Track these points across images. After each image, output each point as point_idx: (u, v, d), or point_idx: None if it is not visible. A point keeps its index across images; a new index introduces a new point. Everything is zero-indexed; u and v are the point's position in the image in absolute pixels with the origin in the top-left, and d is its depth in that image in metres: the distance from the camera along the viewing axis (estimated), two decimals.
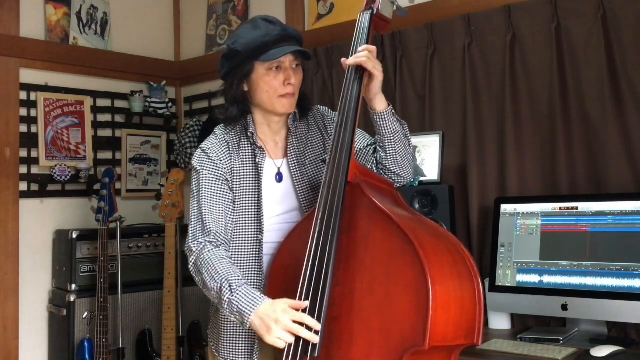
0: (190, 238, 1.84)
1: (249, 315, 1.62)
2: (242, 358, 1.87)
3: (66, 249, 3.41)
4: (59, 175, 3.55)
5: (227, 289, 1.68)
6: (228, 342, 1.88)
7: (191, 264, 1.81)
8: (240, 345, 1.87)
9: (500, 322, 2.48)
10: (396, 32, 2.97)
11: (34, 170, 3.55)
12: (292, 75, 1.84)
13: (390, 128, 1.81)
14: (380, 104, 1.79)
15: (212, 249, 1.78)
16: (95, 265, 3.30)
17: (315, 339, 1.55)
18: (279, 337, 1.56)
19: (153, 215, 3.53)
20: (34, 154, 3.54)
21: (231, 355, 1.88)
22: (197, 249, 1.80)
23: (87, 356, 3.24)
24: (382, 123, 1.80)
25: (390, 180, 1.89)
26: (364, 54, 1.71)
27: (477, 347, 2.07)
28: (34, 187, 3.54)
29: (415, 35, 2.93)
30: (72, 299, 3.31)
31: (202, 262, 1.76)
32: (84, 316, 3.32)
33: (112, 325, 3.32)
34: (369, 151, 1.91)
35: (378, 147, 1.87)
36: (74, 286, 3.35)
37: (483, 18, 2.72)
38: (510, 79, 2.62)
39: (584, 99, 2.46)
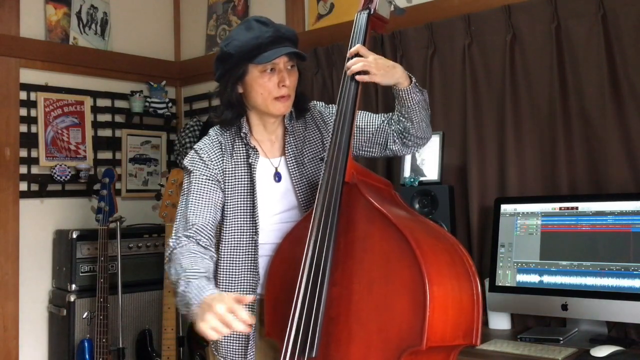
0: (172, 235, 1.84)
1: (194, 306, 1.57)
2: (238, 356, 1.87)
3: (66, 249, 3.41)
4: (59, 175, 3.55)
5: (183, 281, 1.65)
6: (225, 340, 1.89)
7: (166, 259, 1.81)
8: (236, 343, 1.87)
9: (500, 322, 2.48)
10: (396, 32, 2.96)
11: (34, 170, 3.55)
12: (287, 77, 1.83)
13: (416, 99, 1.82)
14: (403, 82, 1.79)
15: (186, 244, 1.77)
16: (95, 265, 3.30)
17: (247, 331, 1.49)
18: (212, 327, 1.47)
19: (153, 215, 3.53)
20: (34, 154, 3.54)
21: (229, 354, 1.88)
22: (173, 244, 1.80)
23: (87, 356, 3.24)
24: (407, 97, 1.81)
25: (416, 144, 1.92)
26: (359, 65, 1.71)
27: (477, 347, 2.07)
28: (34, 187, 3.54)
29: (415, 35, 2.93)
30: (72, 299, 3.31)
31: (173, 257, 1.76)
32: (84, 316, 3.32)
33: (112, 325, 3.32)
34: (384, 128, 1.91)
35: (401, 118, 1.87)
36: (74, 286, 3.35)
37: (483, 18, 2.71)
38: (510, 79, 2.62)
39: (584, 99, 2.45)
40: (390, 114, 1.93)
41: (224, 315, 1.46)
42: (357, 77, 1.73)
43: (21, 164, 3.49)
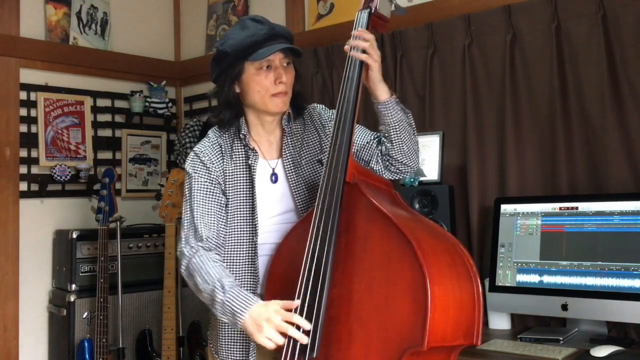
0: (182, 242, 1.85)
1: (242, 315, 1.63)
2: (239, 358, 1.87)
3: (66, 249, 3.41)
4: (59, 175, 3.55)
5: (219, 290, 1.69)
6: (226, 342, 1.89)
7: (183, 267, 1.83)
8: (238, 345, 1.87)
9: (500, 322, 2.48)
10: (396, 32, 2.97)
11: (34, 170, 3.55)
12: (283, 73, 1.83)
13: (395, 117, 1.79)
14: (383, 93, 1.77)
15: (204, 253, 1.79)
16: (95, 265, 3.30)
17: (304, 339, 1.55)
18: (269, 337, 1.57)
19: (153, 215, 3.53)
20: (34, 154, 3.54)
21: (229, 356, 1.88)
22: (189, 253, 1.81)
23: (87, 356, 3.24)
24: (386, 112, 1.78)
25: (398, 170, 1.88)
26: (367, 44, 1.71)
27: (477, 347, 2.07)
28: (34, 187, 3.54)
29: (415, 35, 2.93)
30: (72, 299, 3.31)
31: (194, 266, 1.78)
32: (84, 316, 3.32)
33: (112, 325, 3.32)
34: (372, 145, 1.90)
35: (383, 139, 1.86)
36: (74, 286, 3.35)
37: (483, 18, 2.71)
38: (510, 79, 2.62)
39: (584, 99, 2.45)
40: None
41: (281, 326, 1.56)
42: (354, 53, 1.72)
43: (21, 164, 3.48)
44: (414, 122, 1.87)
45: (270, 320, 1.57)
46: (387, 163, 1.88)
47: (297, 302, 1.60)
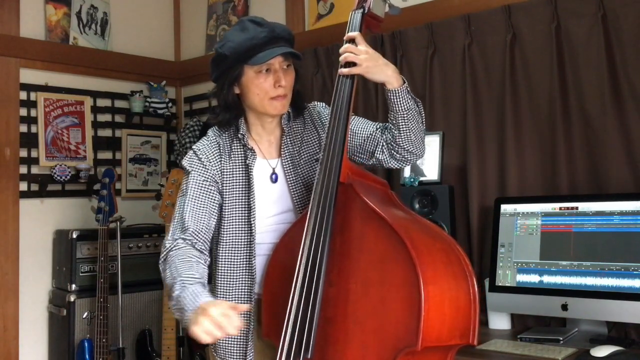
0: (168, 235, 1.84)
1: (189, 311, 1.57)
2: (236, 358, 1.87)
3: (66, 249, 3.41)
4: (59, 175, 3.55)
5: (178, 286, 1.66)
6: (224, 341, 1.88)
7: (161, 259, 1.81)
8: (235, 345, 1.87)
9: (500, 322, 2.48)
10: (396, 32, 2.96)
11: (34, 170, 3.55)
12: (282, 76, 1.82)
13: (405, 105, 1.77)
14: (392, 81, 1.75)
15: (182, 247, 1.78)
16: (95, 265, 3.30)
17: (234, 332, 1.49)
18: (205, 331, 1.48)
19: (153, 215, 3.53)
20: (34, 154, 3.54)
21: (227, 355, 1.88)
22: (169, 245, 1.80)
23: (87, 356, 3.24)
24: (396, 100, 1.76)
25: (404, 158, 1.86)
26: (343, 56, 1.72)
27: (477, 347, 2.08)
28: (34, 187, 3.54)
29: (415, 35, 2.93)
30: (72, 299, 3.31)
31: (169, 259, 1.77)
32: (84, 316, 3.32)
33: (112, 325, 3.32)
34: (375, 136, 1.88)
35: (390, 125, 1.84)
36: (74, 286, 3.35)
37: (483, 18, 2.71)
38: (510, 79, 2.62)
39: (584, 99, 2.45)
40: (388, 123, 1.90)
41: (218, 319, 1.48)
42: (340, 71, 1.72)
43: (21, 164, 3.49)
44: (423, 112, 1.86)
45: (206, 313, 1.49)
46: (393, 151, 1.85)
47: (245, 306, 1.57)
